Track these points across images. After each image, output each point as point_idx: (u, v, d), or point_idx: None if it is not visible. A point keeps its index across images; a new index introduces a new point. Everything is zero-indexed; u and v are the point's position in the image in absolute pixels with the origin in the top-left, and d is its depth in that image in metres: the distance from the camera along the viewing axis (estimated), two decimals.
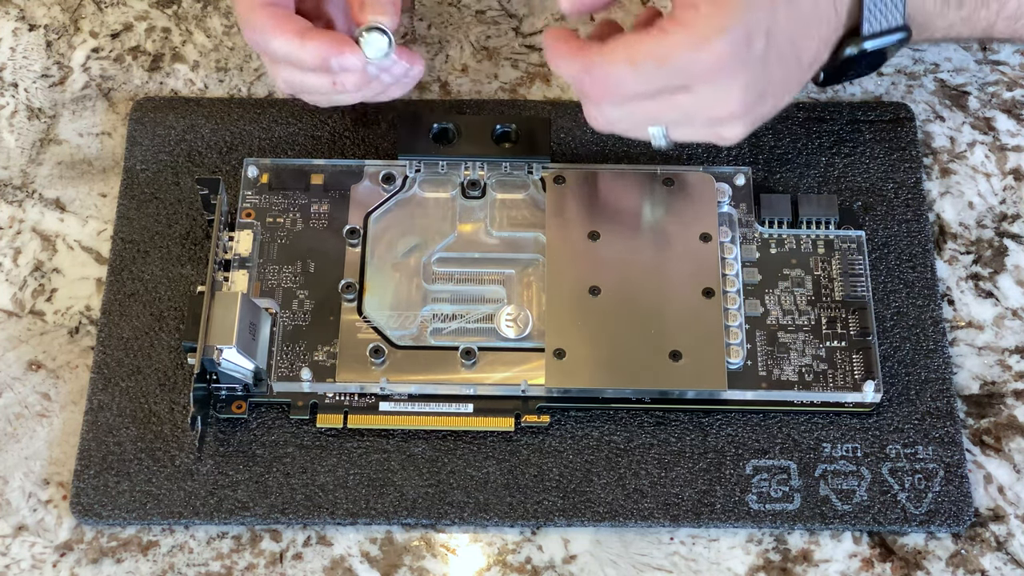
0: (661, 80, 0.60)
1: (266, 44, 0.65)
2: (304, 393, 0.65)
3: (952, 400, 0.66)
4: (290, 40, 0.64)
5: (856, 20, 0.63)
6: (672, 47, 0.59)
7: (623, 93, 0.61)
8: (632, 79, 0.60)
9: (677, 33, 0.59)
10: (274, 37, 0.64)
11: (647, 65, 0.59)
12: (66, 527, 0.64)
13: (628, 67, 0.59)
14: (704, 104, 0.61)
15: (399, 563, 0.63)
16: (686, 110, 0.61)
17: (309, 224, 0.69)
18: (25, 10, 0.78)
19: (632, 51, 0.59)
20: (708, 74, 0.59)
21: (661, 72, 0.59)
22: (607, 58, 0.60)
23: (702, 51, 0.59)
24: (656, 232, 0.67)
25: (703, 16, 0.59)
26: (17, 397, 0.67)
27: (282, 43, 0.64)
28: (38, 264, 0.70)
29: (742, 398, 0.65)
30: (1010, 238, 0.71)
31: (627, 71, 0.59)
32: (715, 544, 0.63)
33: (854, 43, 0.63)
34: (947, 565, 0.63)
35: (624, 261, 0.67)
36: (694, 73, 0.59)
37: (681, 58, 0.59)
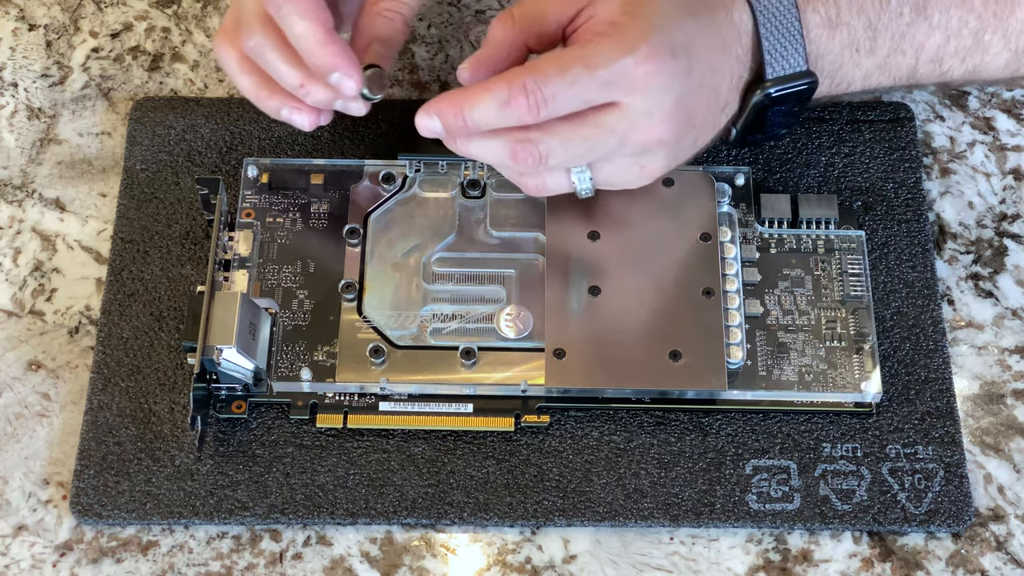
0: (593, 90, 0.59)
1: (291, 21, 0.60)
2: (304, 393, 0.65)
3: (952, 400, 0.66)
4: (317, 31, 0.60)
5: (758, 65, 0.64)
6: (600, 53, 0.59)
7: (557, 109, 0.59)
8: (564, 90, 0.59)
9: (601, 41, 0.59)
10: (305, 19, 0.60)
11: (577, 70, 0.58)
12: (66, 527, 0.64)
13: (558, 76, 0.58)
14: (636, 123, 0.60)
15: (399, 563, 0.63)
16: (619, 131, 0.60)
17: (309, 224, 0.69)
18: (25, 10, 0.78)
19: (560, 61, 0.59)
20: (639, 83, 0.59)
21: (592, 79, 0.59)
22: (536, 72, 0.59)
23: (629, 56, 0.59)
24: (656, 232, 0.67)
25: (623, 27, 0.59)
26: (17, 397, 0.67)
27: (307, 29, 0.60)
28: (38, 264, 0.70)
29: (742, 398, 0.65)
30: (1010, 238, 0.71)
31: (558, 80, 0.58)
32: (715, 544, 0.63)
33: (759, 88, 0.64)
34: (947, 565, 0.63)
35: (624, 261, 0.67)
36: (624, 82, 0.59)
37: (611, 63, 0.59)
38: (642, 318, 0.65)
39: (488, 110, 0.59)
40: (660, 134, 0.61)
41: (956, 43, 0.66)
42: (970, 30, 0.66)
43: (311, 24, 0.60)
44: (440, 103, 0.60)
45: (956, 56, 0.67)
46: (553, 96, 0.59)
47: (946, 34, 0.66)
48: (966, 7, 0.66)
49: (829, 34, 0.65)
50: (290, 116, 0.64)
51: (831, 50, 0.65)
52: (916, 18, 0.65)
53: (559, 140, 0.60)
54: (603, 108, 0.60)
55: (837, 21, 0.65)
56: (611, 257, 0.67)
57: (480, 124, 0.60)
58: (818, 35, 0.65)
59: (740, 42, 0.63)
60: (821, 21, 0.65)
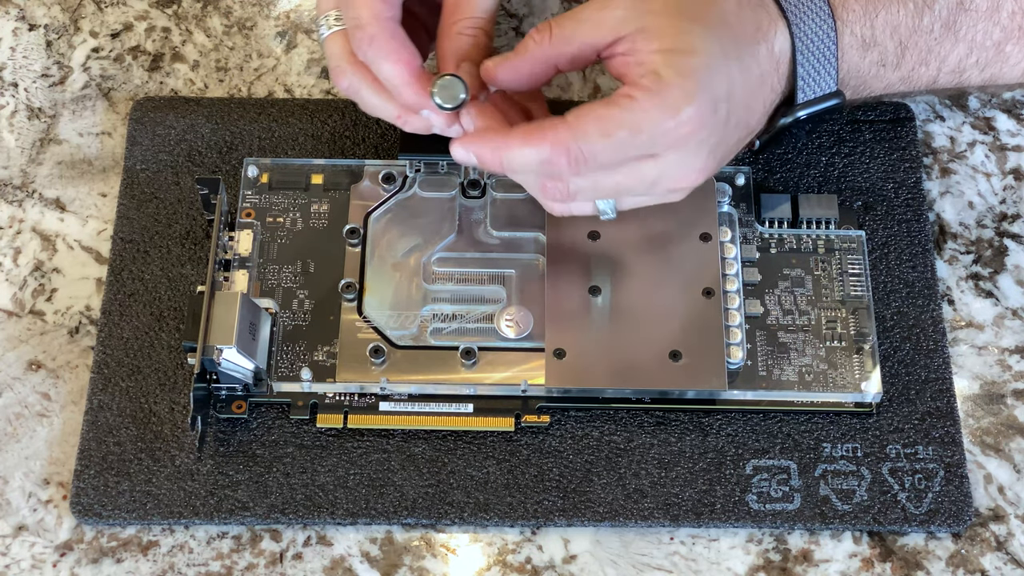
0: (633, 150, 0.60)
1: (378, 63, 0.62)
2: (304, 393, 0.65)
3: (952, 400, 0.66)
4: (402, 73, 0.62)
5: (791, 88, 0.64)
6: (644, 117, 0.58)
7: (594, 166, 0.60)
8: (605, 151, 0.59)
9: (646, 101, 0.58)
10: (392, 62, 0.62)
11: (621, 136, 0.59)
12: (66, 527, 0.64)
13: (602, 140, 0.59)
14: (668, 172, 0.61)
15: (399, 563, 0.63)
16: (650, 179, 0.61)
17: (309, 224, 0.69)
18: (25, 10, 0.78)
19: (604, 124, 0.59)
20: (678, 142, 0.60)
21: (634, 142, 0.59)
22: (579, 133, 0.59)
23: (673, 119, 0.59)
24: (656, 232, 0.67)
25: (670, 85, 0.59)
26: (17, 397, 0.67)
27: (395, 72, 0.62)
28: (38, 264, 0.70)
29: (742, 398, 0.65)
30: (1010, 238, 0.71)
31: (601, 144, 0.59)
32: (715, 544, 0.63)
33: (789, 112, 0.64)
34: (947, 565, 0.63)
35: (624, 261, 0.67)
36: (665, 142, 0.60)
37: (654, 127, 0.59)
38: (642, 318, 0.65)
39: (526, 161, 0.60)
40: (690, 183, 0.62)
41: (978, 55, 0.67)
42: (993, 42, 0.66)
43: (395, 66, 0.62)
44: (479, 144, 0.61)
45: (976, 67, 0.67)
46: (594, 157, 0.59)
47: (970, 47, 0.66)
48: (992, 20, 0.66)
49: (861, 54, 0.65)
50: None
51: (860, 68, 0.65)
52: (945, 34, 0.66)
53: (591, 183, 0.61)
54: (639, 159, 0.60)
55: (871, 41, 0.65)
56: (611, 257, 0.67)
57: (516, 170, 0.61)
58: (851, 56, 0.65)
59: (777, 72, 0.63)
60: (856, 42, 0.65)
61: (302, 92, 0.75)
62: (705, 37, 0.60)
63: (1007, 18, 0.66)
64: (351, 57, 0.64)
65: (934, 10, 0.65)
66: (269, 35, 0.77)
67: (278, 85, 0.75)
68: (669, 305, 0.66)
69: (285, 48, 0.76)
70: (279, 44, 0.76)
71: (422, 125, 0.64)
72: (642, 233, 0.67)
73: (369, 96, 0.64)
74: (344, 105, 0.73)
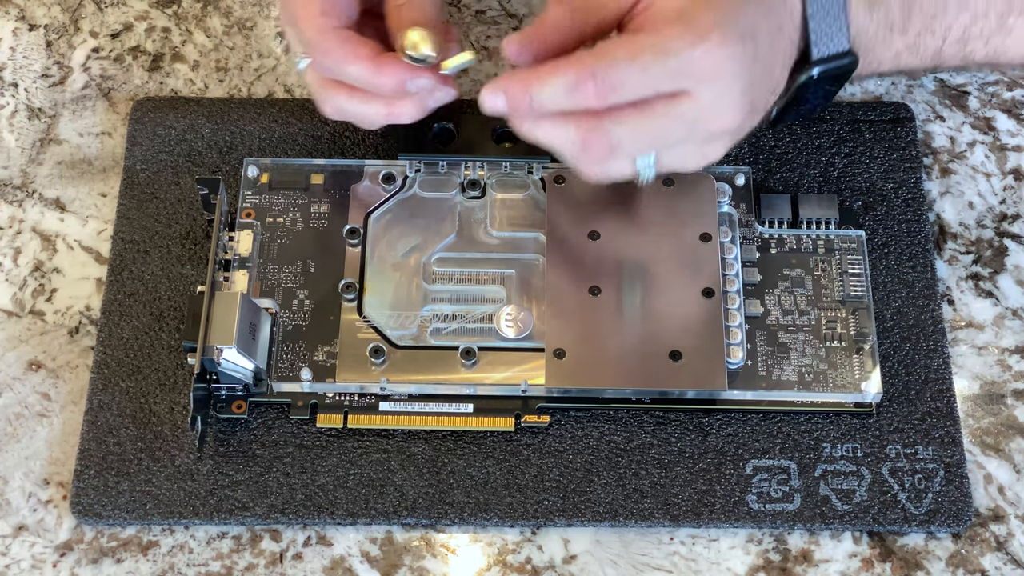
0: (664, 78, 0.59)
1: (341, 70, 0.63)
2: (304, 393, 0.65)
3: (952, 400, 0.66)
4: (366, 66, 0.62)
5: (804, 43, 0.63)
6: (671, 41, 0.58)
7: (624, 96, 0.59)
8: (633, 75, 0.58)
9: (673, 27, 0.58)
10: (350, 63, 0.62)
11: (647, 58, 0.58)
12: (66, 527, 0.64)
13: (628, 62, 0.58)
14: (706, 109, 0.60)
15: (399, 563, 0.63)
16: (689, 118, 0.60)
17: (309, 224, 0.69)
18: (25, 10, 0.78)
19: (630, 47, 0.58)
20: (711, 72, 0.59)
21: (664, 68, 0.58)
22: (605, 57, 0.58)
23: (701, 45, 0.58)
24: (656, 232, 0.67)
25: (692, 15, 0.58)
26: (17, 397, 0.67)
27: (358, 69, 0.62)
28: (38, 264, 0.70)
29: (742, 398, 0.65)
30: (1010, 238, 0.71)
31: (627, 67, 0.58)
32: (715, 544, 0.63)
33: (805, 69, 0.63)
34: (947, 565, 0.63)
35: (624, 261, 0.67)
36: (696, 71, 0.59)
37: (682, 52, 0.58)
38: (642, 318, 0.65)
39: (555, 92, 0.59)
40: (729, 123, 0.61)
41: (982, 24, 0.66)
42: (996, 12, 0.66)
43: (356, 63, 0.62)
44: (508, 81, 0.59)
45: (980, 38, 0.66)
46: (622, 83, 0.58)
47: (973, 15, 0.66)
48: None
49: (867, 12, 0.64)
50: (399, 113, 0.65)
51: (868, 28, 0.65)
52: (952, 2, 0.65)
53: (630, 130, 0.60)
54: (673, 97, 0.59)
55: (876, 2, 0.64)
56: (611, 257, 0.67)
57: (546, 105, 0.59)
58: (857, 12, 0.64)
59: (792, 21, 0.62)
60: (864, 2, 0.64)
61: (302, 92, 0.75)
62: None
63: None
64: (324, 81, 0.65)
65: None
66: (269, 35, 0.77)
67: (278, 85, 0.75)
68: (669, 305, 0.66)
69: (285, 48, 0.76)
70: (279, 44, 0.76)
71: (415, 106, 0.64)
72: (642, 233, 0.67)
73: (355, 107, 0.64)
74: None
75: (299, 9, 0.63)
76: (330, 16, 0.63)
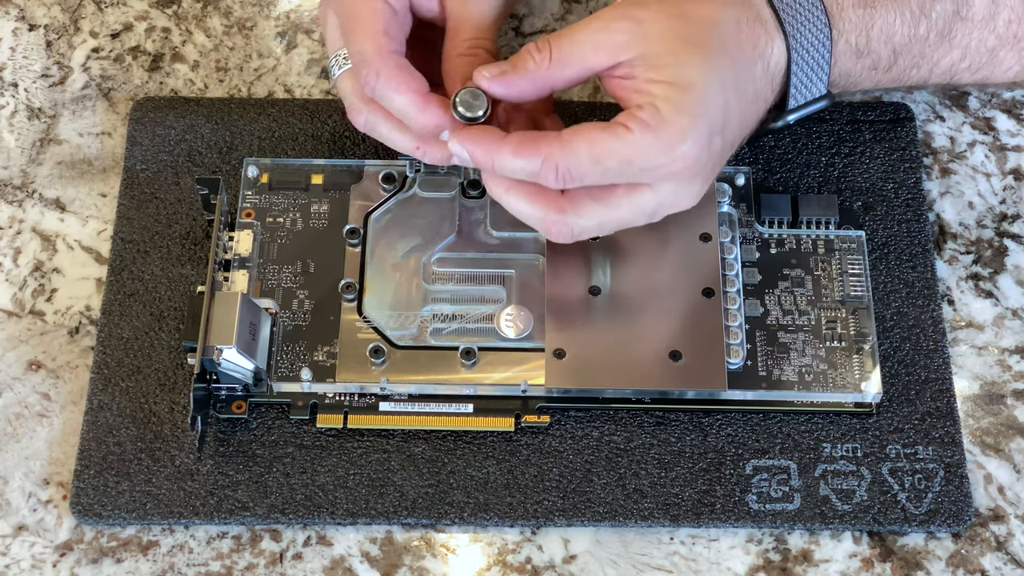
0: (622, 178, 0.60)
1: (387, 96, 0.62)
2: (304, 393, 0.65)
3: (952, 400, 0.66)
4: (413, 101, 0.62)
5: (782, 95, 0.64)
6: (637, 151, 0.59)
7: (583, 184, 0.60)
8: (593, 174, 0.59)
9: (642, 136, 0.58)
10: (401, 93, 0.62)
11: (611, 164, 0.59)
12: (66, 527, 0.64)
13: (591, 164, 0.59)
14: (666, 201, 0.61)
15: (399, 563, 0.63)
16: (649, 209, 0.62)
17: (309, 224, 0.69)
18: (25, 10, 0.78)
19: (596, 149, 0.59)
20: (672, 176, 0.60)
21: (626, 171, 0.59)
22: (570, 152, 0.59)
23: (667, 156, 0.59)
24: (656, 232, 0.67)
25: (666, 122, 0.59)
26: (17, 397, 0.67)
27: (404, 101, 0.62)
28: (38, 264, 0.70)
29: (742, 398, 0.65)
30: (1010, 238, 0.71)
31: (589, 167, 0.59)
32: (715, 544, 0.63)
33: (779, 117, 0.64)
34: (947, 565, 0.63)
35: (624, 261, 0.67)
36: (658, 175, 0.60)
37: (647, 162, 0.59)
38: (642, 318, 0.65)
39: (517, 169, 0.60)
40: (688, 204, 0.62)
41: (972, 59, 0.66)
42: (987, 48, 0.66)
43: (404, 96, 0.62)
44: (473, 143, 0.61)
45: (969, 71, 0.67)
46: (583, 177, 0.59)
47: (963, 52, 0.66)
48: (988, 28, 0.66)
49: (854, 60, 0.65)
50: None
51: (852, 72, 0.65)
52: (940, 42, 0.65)
53: (590, 221, 0.61)
54: (633, 188, 0.61)
55: (865, 50, 0.65)
56: (611, 257, 0.67)
57: (507, 174, 0.61)
58: (844, 62, 0.64)
59: (771, 85, 0.63)
60: (850, 50, 0.64)
61: (302, 92, 0.75)
62: (704, 68, 0.59)
63: (1003, 26, 0.66)
64: (363, 95, 0.64)
65: (931, 18, 0.65)
66: (269, 35, 0.77)
67: (278, 85, 0.75)
68: (669, 305, 0.66)
69: (285, 48, 0.76)
70: (279, 44, 0.76)
71: (442, 155, 0.63)
72: (642, 233, 0.67)
73: (386, 131, 0.64)
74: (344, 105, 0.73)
75: (361, 22, 0.63)
76: (391, 38, 0.63)
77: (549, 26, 0.77)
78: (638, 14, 0.60)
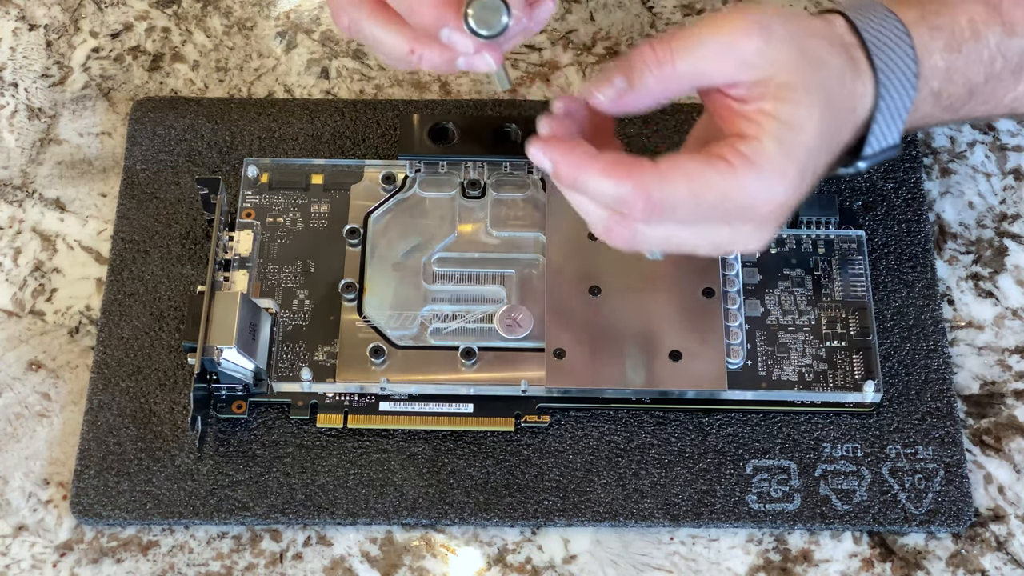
0: (713, 214, 0.56)
1: None
2: (304, 393, 0.65)
3: (952, 400, 0.66)
4: None
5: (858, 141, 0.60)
6: (737, 188, 0.55)
7: (668, 218, 0.56)
8: (686, 208, 0.55)
9: (745, 175, 0.55)
10: None
11: (708, 199, 0.55)
12: (66, 527, 0.64)
13: (687, 198, 0.55)
14: (739, 240, 0.58)
15: (399, 563, 0.63)
16: (720, 242, 0.58)
17: (309, 224, 0.69)
18: (25, 10, 0.78)
19: (695, 184, 0.55)
20: (759, 218, 0.57)
21: (718, 207, 0.56)
22: (666, 182, 0.55)
23: (763, 198, 0.56)
24: None
25: (772, 163, 0.55)
26: (17, 397, 0.67)
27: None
28: (38, 264, 0.70)
29: (742, 398, 0.65)
30: (1010, 238, 0.71)
31: (684, 201, 0.55)
32: (715, 544, 0.63)
33: (851, 163, 0.61)
34: (947, 565, 0.63)
35: (624, 261, 0.67)
36: (746, 215, 0.57)
37: (743, 200, 0.55)
38: (642, 318, 0.65)
39: (602, 190, 0.56)
40: (755, 248, 0.59)
41: None
42: None
43: None
44: (560, 155, 0.56)
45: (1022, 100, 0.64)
46: (672, 209, 0.55)
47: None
48: None
49: (932, 104, 0.62)
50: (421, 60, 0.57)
51: (927, 115, 0.62)
52: (1011, 78, 0.63)
53: (659, 237, 0.57)
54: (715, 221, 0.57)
55: (944, 93, 0.61)
56: (611, 257, 0.67)
57: (589, 193, 0.57)
58: (922, 107, 0.61)
59: (854, 133, 0.59)
60: (931, 95, 0.61)
61: (302, 92, 0.75)
62: (815, 113, 0.56)
63: None
64: None
65: (1007, 57, 0.62)
66: (269, 35, 0.77)
67: (278, 85, 0.75)
68: (669, 305, 0.66)
69: (285, 48, 0.76)
70: (279, 44, 0.76)
71: (442, 59, 0.56)
72: None
73: (373, 30, 0.56)
74: (344, 105, 0.73)
75: None
76: None
77: (549, 25, 0.77)
78: (768, 33, 0.56)
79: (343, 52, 0.76)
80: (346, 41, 0.76)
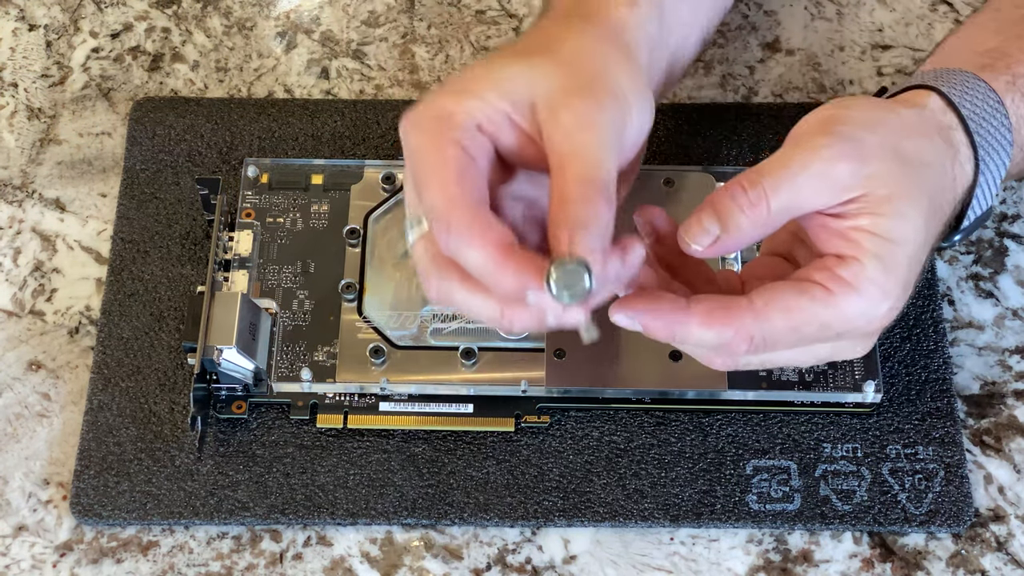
0: (818, 339, 0.55)
1: (462, 253, 0.51)
2: (304, 393, 0.65)
3: (952, 400, 0.66)
4: (490, 255, 0.51)
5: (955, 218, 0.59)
6: (838, 316, 0.53)
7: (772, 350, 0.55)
8: (789, 340, 0.54)
9: (845, 302, 0.53)
10: (473, 247, 0.51)
11: (809, 331, 0.54)
12: (66, 527, 0.64)
13: (789, 332, 0.53)
14: (840, 353, 0.57)
15: (399, 563, 0.63)
16: (820, 356, 0.57)
17: (309, 224, 0.69)
18: (25, 10, 0.78)
19: (794, 317, 0.53)
20: (862, 335, 0.56)
21: (821, 335, 0.54)
22: (765, 321, 0.53)
23: (866, 319, 0.54)
24: None
25: (874, 284, 0.53)
26: (17, 397, 0.67)
27: (479, 255, 0.51)
28: (38, 264, 0.70)
29: (742, 398, 0.65)
30: (1010, 238, 0.71)
31: (786, 335, 0.54)
32: (715, 544, 0.63)
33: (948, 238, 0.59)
34: (947, 565, 0.63)
35: None
36: (850, 335, 0.56)
37: (845, 325, 0.54)
38: None
39: (703, 340, 0.54)
40: (857, 355, 0.58)
41: None
42: None
43: (479, 251, 0.51)
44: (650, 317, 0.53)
45: None
46: (775, 344, 0.54)
47: None
48: None
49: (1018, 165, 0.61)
50: None
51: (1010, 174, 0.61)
52: None
53: (759, 361, 0.56)
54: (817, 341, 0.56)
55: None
56: None
57: (689, 343, 0.55)
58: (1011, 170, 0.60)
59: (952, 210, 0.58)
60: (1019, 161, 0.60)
61: (302, 92, 0.75)
62: (919, 224, 0.54)
63: None
64: (436, 258, 0.54)
65: None
66: (269, 35, 0.77)
67: (278, 85, 0.75)
68: None
69: (285, 48, 0.76)
70: (279, 44, 0.76)
71: (532, 320, 0.53)
72: None
73: (464, 297, 0.53)
74: (344, 105, 0.73)
75: (431, 171, 0.53)
76: (466, 189, 0.52)
77: None
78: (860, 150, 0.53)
79: (343, 52, 0.76)
80: (346, 41, 0.76)
